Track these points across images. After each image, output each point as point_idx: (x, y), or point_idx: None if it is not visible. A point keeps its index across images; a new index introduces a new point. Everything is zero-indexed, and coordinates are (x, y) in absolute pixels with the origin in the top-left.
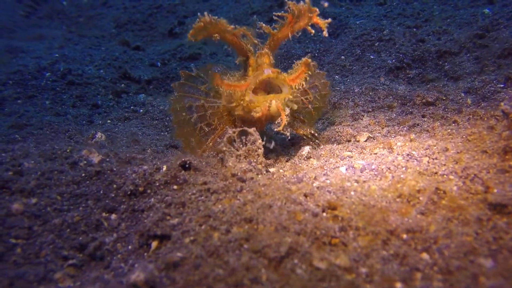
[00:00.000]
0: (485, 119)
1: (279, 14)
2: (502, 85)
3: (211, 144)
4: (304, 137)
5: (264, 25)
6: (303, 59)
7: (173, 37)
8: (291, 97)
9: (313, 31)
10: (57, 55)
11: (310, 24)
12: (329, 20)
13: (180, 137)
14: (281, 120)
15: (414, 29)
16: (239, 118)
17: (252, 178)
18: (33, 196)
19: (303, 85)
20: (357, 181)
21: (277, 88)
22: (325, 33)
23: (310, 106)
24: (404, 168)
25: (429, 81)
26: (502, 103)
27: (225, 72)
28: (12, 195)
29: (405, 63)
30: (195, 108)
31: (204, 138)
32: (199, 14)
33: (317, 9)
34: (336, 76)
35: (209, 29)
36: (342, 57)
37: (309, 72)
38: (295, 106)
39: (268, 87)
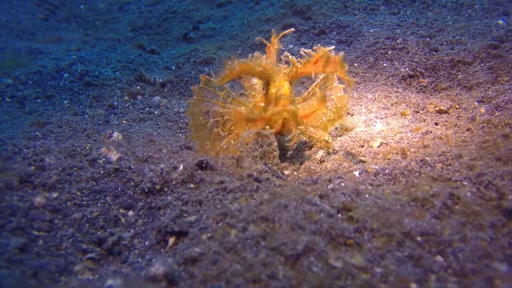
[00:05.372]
0: (499, 127)
1: (307, 51)
2: None
3: (225, 146)
4: (318, 144)
5: (290, 56)
6: (322, 91)
7: (188, 42)
8: (302, 128)
9: (337, 81)
10: (74, 57)
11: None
12: (356, 79)
13: (196, 139)
14: (293, 137)
15: (428, 39)
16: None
17: (267, 179)
18: (54, 190)
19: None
20: (371, 185)
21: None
22: (350, 92)
23: (324, 118)
24: (417, 173)
25: (442, 90)
26: None
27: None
28: (34, 189)
29: (418, 72)
30: (212, 113)
31: (219, 142)
32: (230, 58)
33: (347, 66)
34: None
35: (242, 72)
36: (355, 64)
37: (324, 111)
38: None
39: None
